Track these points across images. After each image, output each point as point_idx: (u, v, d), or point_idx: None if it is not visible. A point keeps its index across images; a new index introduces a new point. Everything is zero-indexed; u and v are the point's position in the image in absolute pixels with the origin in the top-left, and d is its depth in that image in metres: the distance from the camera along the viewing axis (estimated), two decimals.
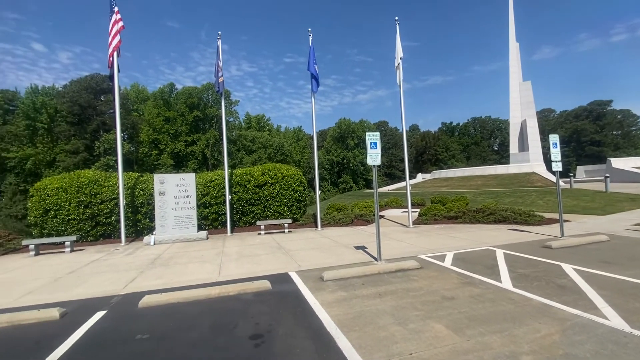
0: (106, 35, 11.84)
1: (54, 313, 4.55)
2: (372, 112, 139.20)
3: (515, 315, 4.04)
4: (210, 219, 13.00)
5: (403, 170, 17.09)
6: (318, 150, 12.61)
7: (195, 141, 54.80)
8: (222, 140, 14.04)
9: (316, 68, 12.09)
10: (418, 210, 14.67)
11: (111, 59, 11.64)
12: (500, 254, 7.27)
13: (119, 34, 11.51)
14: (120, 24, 11.45)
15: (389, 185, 52.55)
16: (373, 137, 6.99)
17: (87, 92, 46.02)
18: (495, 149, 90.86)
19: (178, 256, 8.53)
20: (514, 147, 38.02)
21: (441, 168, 64.30)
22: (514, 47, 37.68)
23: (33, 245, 9.79)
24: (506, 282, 5.34)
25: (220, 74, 12.79)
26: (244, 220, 13.45)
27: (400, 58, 12.27)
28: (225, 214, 12.36)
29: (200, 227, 12.05)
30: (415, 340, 3.48)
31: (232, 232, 12.23)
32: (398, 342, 3.46)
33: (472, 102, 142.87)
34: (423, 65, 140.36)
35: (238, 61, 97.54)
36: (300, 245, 9.22)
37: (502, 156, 79.40)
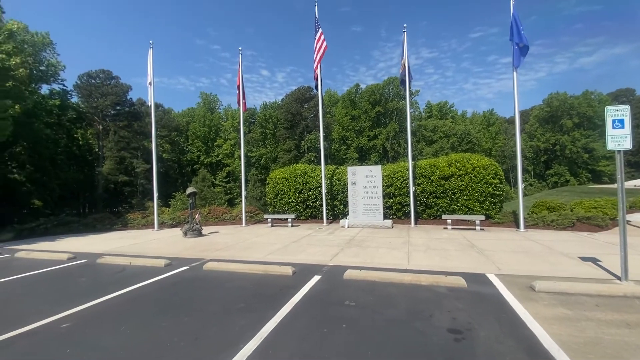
0: (307, 55, 14.55)
1: (289, 270, 6.09)
2: (602, 80, 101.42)
3: None
4: (394, 209, 13.53)
5: None
6: (515, 136, 10.50)
7: (377, 135, 58.23)
8: (405, 132, 14.24)
9: (523, 35, 9.94)
10: None
11: (316, 72, 14.06)
12: None
13: (321, 50, 13.71)
14: (325, 43, 13.57)
15: (636, 179, 37.25)
16: (617, 113, 5.14)
17: (296, 102, 57.91)
18: None
19: (368, 240, 9.41)
20: None
21: None
22: None
23: (270, 219, 13.46)
24: None
25: (401, 67, 13.00)
26: (428, 213, 13.15)
27: None
28: (409, 205, 12.51)
29: (384, 216, 12.74)
30: None
31: (415, 223, 12.24)
32: None
33: None
34: None
35: (417, 49, 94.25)
36: (498, 246, 8.09)
37: None
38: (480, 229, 10.61)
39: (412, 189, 12.31)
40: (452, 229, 11.01)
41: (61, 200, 28.74)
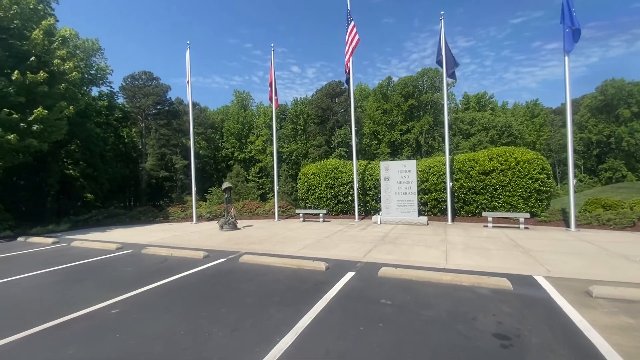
0: (336, 50, 14.49)
1: (322, 265, 6.08)
2: None
3: None
4: (429, 205, 13.07)
5: None
6: (566, 127, 9.60)
7: (410, 129, 56.57)
8: (441, 125, 13.65)
9: (575, 17, 9.06)
10: None
11: (348, 65, 13.83)
12: None
13: (353, 43, 13.45)
14: (357, 36, 13.30)
15: None
16: None
17: (326, 97, 57.74)
18: None
19: (402, 237, 9.16)
20: None
21: None
22: None
23: (302, 214, 13.56)
24: None
25: (439, 55, 12.43)
26: (466, 210, 12.55)
27: None
28: (445, 201, 12.00)
29: (419, 213, 12.34)
30: None
31: (452, 220, 11.73)
32: None
33: None
34: None
35: (453, 38, 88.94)
36: (545, 247, 7.51)
37: None
38: (525, 228, 9.93)
39: (449, 184, 11.78)
40: (493, 227, 10.41)
41: (110, 194, 31.04)
